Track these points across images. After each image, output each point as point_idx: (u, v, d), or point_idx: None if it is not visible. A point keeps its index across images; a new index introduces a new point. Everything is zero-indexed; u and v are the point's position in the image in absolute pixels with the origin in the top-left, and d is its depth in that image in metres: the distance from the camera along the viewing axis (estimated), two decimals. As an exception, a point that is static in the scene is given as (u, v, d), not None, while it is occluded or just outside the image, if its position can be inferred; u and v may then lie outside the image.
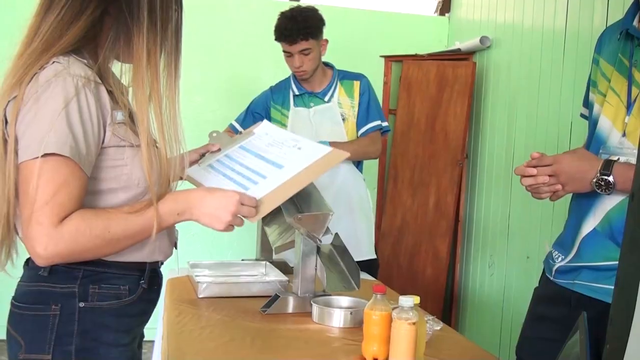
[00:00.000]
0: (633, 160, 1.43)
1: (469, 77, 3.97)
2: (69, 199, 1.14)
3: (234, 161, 1.62)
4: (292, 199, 2.20)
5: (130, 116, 1.27)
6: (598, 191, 1.43)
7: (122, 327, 1.30)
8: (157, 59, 1.25)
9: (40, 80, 1.15)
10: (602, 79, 1.57)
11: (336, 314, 1.80)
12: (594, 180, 1.42)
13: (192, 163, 1.67)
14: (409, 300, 1.36)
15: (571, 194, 1.60)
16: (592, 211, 1.49)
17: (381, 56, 4.41)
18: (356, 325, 1.75)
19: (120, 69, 1.30)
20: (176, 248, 1.44)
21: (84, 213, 1.17)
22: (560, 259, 1.58)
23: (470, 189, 4.13)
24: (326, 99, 2.82)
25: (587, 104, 1.67)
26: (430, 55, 4.30)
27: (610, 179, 1.41)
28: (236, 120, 2.92)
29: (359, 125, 2.82)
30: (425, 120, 4.16)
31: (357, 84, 2.84)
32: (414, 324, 1.35)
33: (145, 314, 1.37)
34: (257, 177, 1.49)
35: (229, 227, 1.34)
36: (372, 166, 4.39)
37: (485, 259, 3.91)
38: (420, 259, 4.12)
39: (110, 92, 1.23)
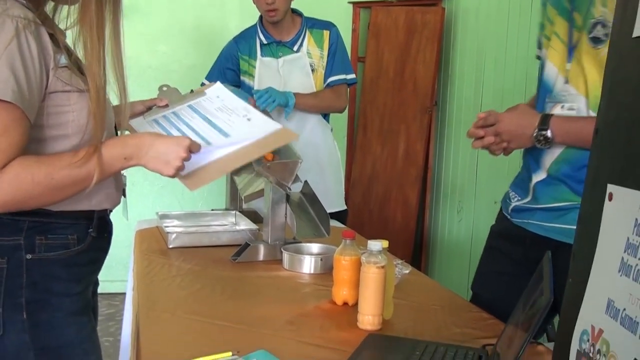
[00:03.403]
0: (576, 105, 1.46)
1: (437, 23, 3.94)
2: (9, 146, 1.10)
3: (180, 120, 1.56)
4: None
5: (74, 61, 1.22)
6: (538, 146, 1.48)
7: (73, 277, 1.27)
8: (104, 3, 1.20)
9: None
10: (547, 23, 1.58)
11: (306, 261, 1.81)
12: (534, 135, 1.46)
13: (137, 114, 1.60)
14: (377, 244, 1.37)
15: None
16: (541, 160, 1.53)
17: (349, 2, 4.33)
18: (326, 271, 1.76)
19: (60, 13, 1.25)
20: (124, 196, 1.41)
21: (25, 160, 1.12)
22: (516, 199, 1.63)
23: (439, 136, 4.15)
24: (295, 48, 2.73)
25: (540, 45, 1.67)
26: (399, 1, 4.24)
27: (548, 133, 1.44)
28: (208, 80, 2.81)
29: (325, 77, 2.76)
30: (394, 68, 4.13)
31: (326, 34, 2.76)
32: (382, 267, 1.36)
33: (96, 262, 1.35)
34: (202, 142, 1.45)
35: (177, 173, 1.31)
36: (341, 115, 4.36)
37: (454, 204, 3.96)
38: (390, 207, 4.16)
39: (51, 35, 1.18)
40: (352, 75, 2.82)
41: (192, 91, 1.69)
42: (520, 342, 0.95)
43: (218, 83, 1.70)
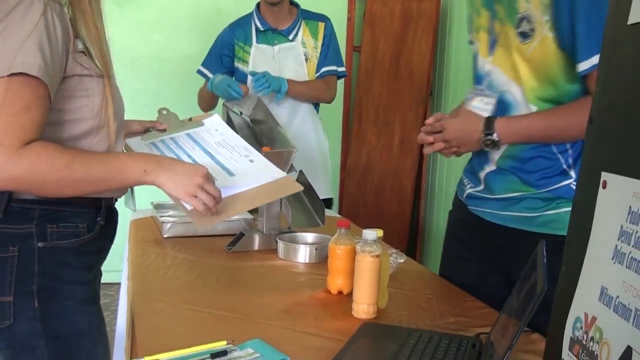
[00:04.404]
0: (493, 100, 1.48)
1: (433, 11, 3.93)
2: (31, 123, 1.10)
3: (180, 148, 1.54)
4: (256, 135, 2.18)
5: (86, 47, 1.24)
6: (487, 149, 1.49)
7: (83, 265, 1.27)
8: None
9: (9, 0, 1.12)
10: (475, 15, 1.59)
11: (301, 250, 1.82)
12: (481, 141, 1.47)
13: (134, 134, 1.59)
14: (372, 233, 1.37)
15: None
16: (489, 155, 1.55)
17: (345, -9, 4.32)
18: (321, 260, 1.76)
19: None
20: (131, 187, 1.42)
21: (49, 144, 1.14)
22: (469, 186, 1.65)
23: (434, 126, 4.14)
24: (290, 37, 2.78)
25: (470, 31, 1.67)
26: (394, -10, 4.22)
27: (495, 137, 1.46)
28: (204, 67, 2.85)
29: (317, 67, 2.83)
30: (390, 58, 4.12)
31: (322, 26, 2.83)
32: (377, 256, 1.36)
33: (103, 251, 1.35)
34: None
35: (194, 199, 1.30)
36: (336, 105, 4.36)
37: (449, 194, 3.96)
38: (386, 197, 4.16)
39: (70, 19, 1.20)
40: (343, 68, 2.89)
41: (190, 119, 1.67)
42: (514, 331, 0.95)
43: (216, 115, 1.68)
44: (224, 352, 1.13)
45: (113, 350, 2.01)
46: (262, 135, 2.14)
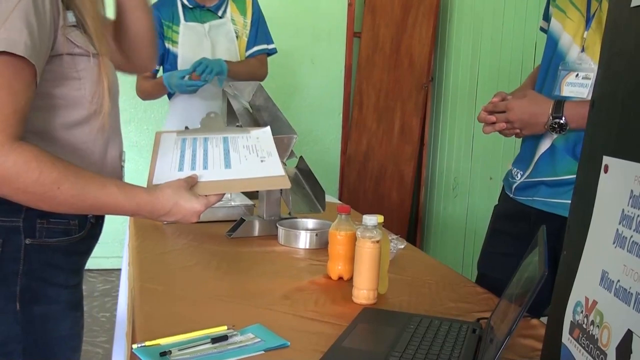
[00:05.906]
0: (591, 75, 1.44)
1: (434, -2, 3.91)
2: (15, 111, 0.98)
3: (203, 146, 1.49)
4: (257, 121, 2.17)
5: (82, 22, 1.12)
6: (553, 133, 1.45)
7: (72, 266, 1.18)
8: None
9: None
10: None
11: (302, 236, 1.82)
12: (548, 124, 1.44)
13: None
14: (372, 219, 1.37)
15: None
16: (546, 133, 1.51)
17: (345, -23, 4.29)
18: (321, 246, 1.77)
19: None
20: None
21: (41, 153, 1.01)
22: (519, 175, 1.61)
23: (435, 112, 4.13)
24: (219, 13, 2.71)
25: (547, 17, 1.65)
26: (395, -25, 4.19)
27: (563, 120, 1.42)
28: None
29: (248, 45, 2.77)
30: (390, 44, 4.10)
31: (249, 2, 2.77)
32: (377, 242, 1.36)
33: (89, 251, 1.25)
34: (201, 165, 1.38)
35: None
36: (336, 92, 4.35)
37: (450, 180, 3.96)
38: (386, 184, 4.16)
39: None
40: (273, 46, 2.84)
41: (239, 125, 1.64)
42: (514, 316, 0.95)
43: (268, 128, 1.63)
44: (224, 337, 1.14)
45: (114, 335, 2.02)
46: (262, 121, 2.14)
